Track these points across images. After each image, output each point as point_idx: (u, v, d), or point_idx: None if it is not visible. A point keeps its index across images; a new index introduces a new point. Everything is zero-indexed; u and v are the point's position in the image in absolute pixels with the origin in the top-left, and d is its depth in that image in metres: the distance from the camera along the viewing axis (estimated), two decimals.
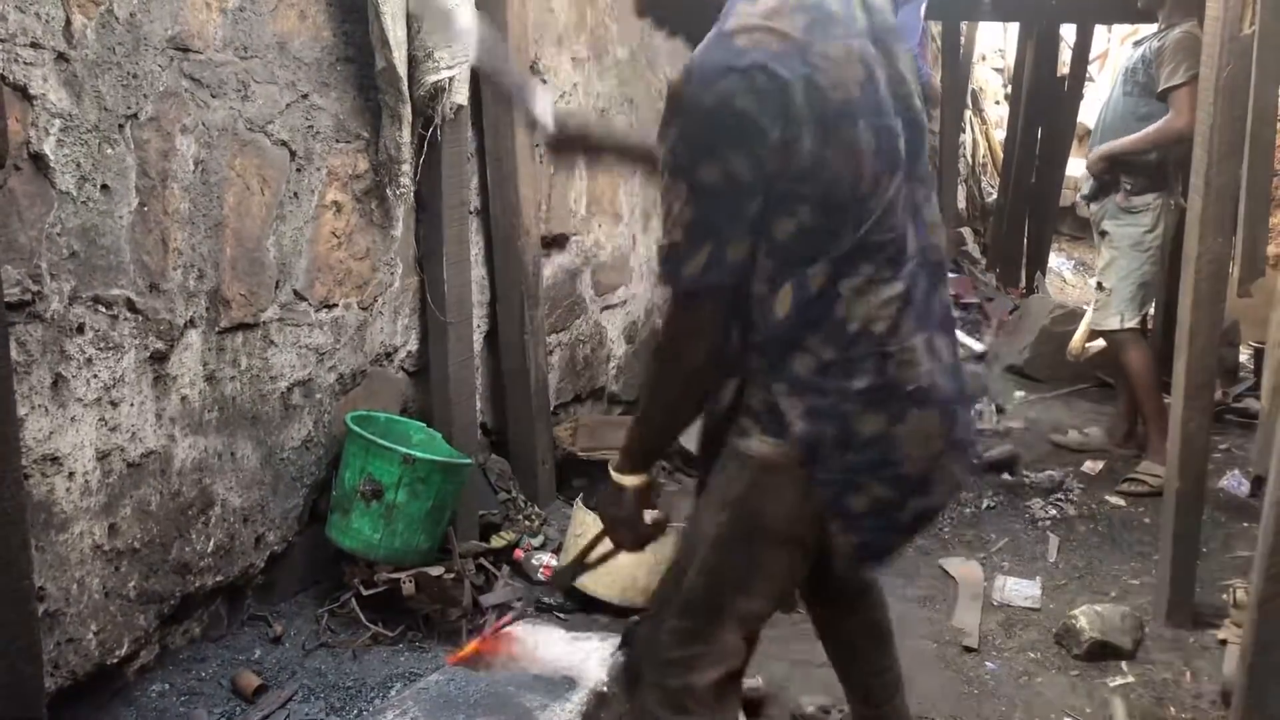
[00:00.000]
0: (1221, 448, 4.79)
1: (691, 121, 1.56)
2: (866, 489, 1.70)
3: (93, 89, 2.29)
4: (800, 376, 1.66)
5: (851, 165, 1.60)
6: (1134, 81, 4.33)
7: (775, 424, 1.68)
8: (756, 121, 1.53)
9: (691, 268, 1.60)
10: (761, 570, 1.79)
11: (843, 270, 1.64)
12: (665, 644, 1.82)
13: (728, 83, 1.52)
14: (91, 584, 2.43)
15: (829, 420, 1.66)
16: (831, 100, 1.57)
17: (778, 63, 1.53)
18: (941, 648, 3.15)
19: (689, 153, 1.57)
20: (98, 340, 2.37)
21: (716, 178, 1.56)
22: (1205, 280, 3.04)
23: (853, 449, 1.67)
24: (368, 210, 3.12)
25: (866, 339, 1.66)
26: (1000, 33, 10.58)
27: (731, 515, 1.74)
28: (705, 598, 1.79)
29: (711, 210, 1.58)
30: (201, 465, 2.70)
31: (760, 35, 1.55)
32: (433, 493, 2.97)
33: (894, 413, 1.68)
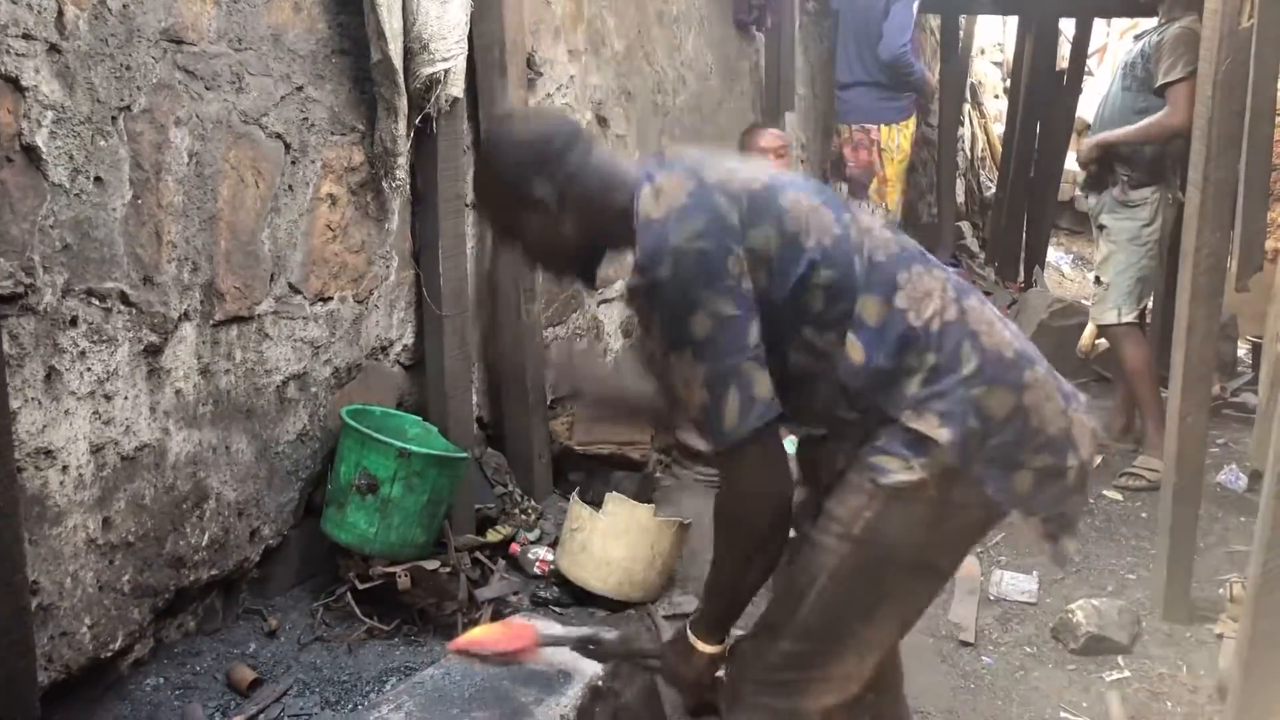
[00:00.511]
0: (1219, 442, 4.79)
1: (660, 294, 1.63)
2: (1026, 464, 1.69)
3: (85, 81, 2.28)
4: (917, 395, 1.68)
5: (813, 217, 1.71)
6: (1133, 76, 4.32)
7: (915, 446, 1.68)
8: (714, 253, 1.62)
9: (730, 420, 1.63)
10: (888, 600, 1.77)
11: (884, 290, 1.70)
12: (777, 665, 1.79)
13: (672, 241, 1.62)
14: (85, 578, 2.43)
15: (964, 414, 1.67)
16: (754, 193, 1.70)
17: (697, 200, 1.66)
18: (938, 642, 3.15)
19: (672, 319, 1.64)
20: (91, 333, 2.36)
21: (707, 326, 1.62)
22: (1203, 274, 3.03)
23: (996, 431, 1.68)
24: (363, 203, 3.11)
25: (950, 328, 1.70)
26: (999, 26, 10.55)
27: (855, 548, 1.72)
28: (824, 626, 1.76)
29: (719, 356, 1.62)
30: (196, 459, 2.69)
31: (670, 200, 1.67)
32: (428, 487, 2.96)
33: (1013, 382, 1.70)
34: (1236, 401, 5.33)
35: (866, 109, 5.63)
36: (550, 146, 1.77)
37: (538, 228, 1.79)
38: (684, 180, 1.70)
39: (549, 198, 1.75)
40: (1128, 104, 4.34)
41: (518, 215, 1.80)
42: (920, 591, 1.80)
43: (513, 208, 1.80)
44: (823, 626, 1.76)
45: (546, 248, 1.84)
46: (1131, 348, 4.46)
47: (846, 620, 1.76)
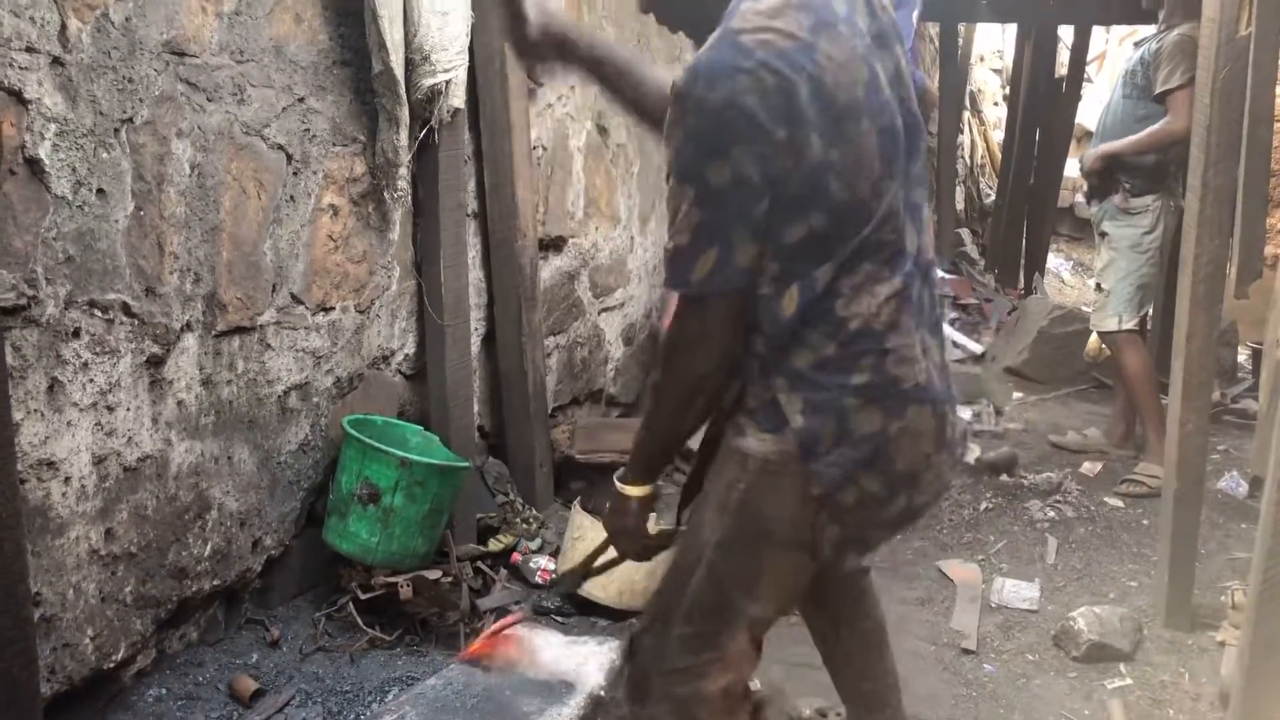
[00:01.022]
0: (1220, 448, 4.79)
1: (698, 121, 1.55)
2: (858, 483, 1.69)
3: (88, 93, 2.29)
4: (800, 371, 1.66)
5: (856, 166, 1.60)
6: (1133, 84, 4.33)
7: (772, 419, 1.68)
8: (763, 121, 1.53)
9: (699, 271, 1.60)
10: (768, 573, 1.78)
11: (845, 268, 1.64)
12: (672, 651, 1.80)
13: (734, 82, 1.52)
14: (88, 589, 2.43)
15: (828, 414, 1.66)
16: (836, 101, 1.57)
17: (783, 62, 1.53)
18: (939, 650, 3.15)
19: (696, 153, 1.56)
20: (93, 344, 2.37)
21: (724, 178, 1.55)
22: (1203, 282, 3.04)
23: (849, 444, 1.67)
24: (364, 213, 3.12)
25: (866, 336, 1.66)
26: (998, 34, 10.58)
27: (734, 519, 1.73)
28: (712, 603, 1.77)
29: (719, 211, 1.57)
30: (198, 469, 2.70)
31: (765, 35, 1.55)
32: (430, 496, 2.97)
33: (891, 409, 1.69)
34: (1237, 408, 5.33)
35: None
36: None
37: None
38: (801, 22, 1.58)
39: None
40: (1129, 112, 4.35)
41: None
42: (798, 563, 1.80)
43: None
44: (711, 606, 1.77)
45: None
46: (1132, 355, 4.46)
47: (732, 595, 1.77)
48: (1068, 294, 8.64)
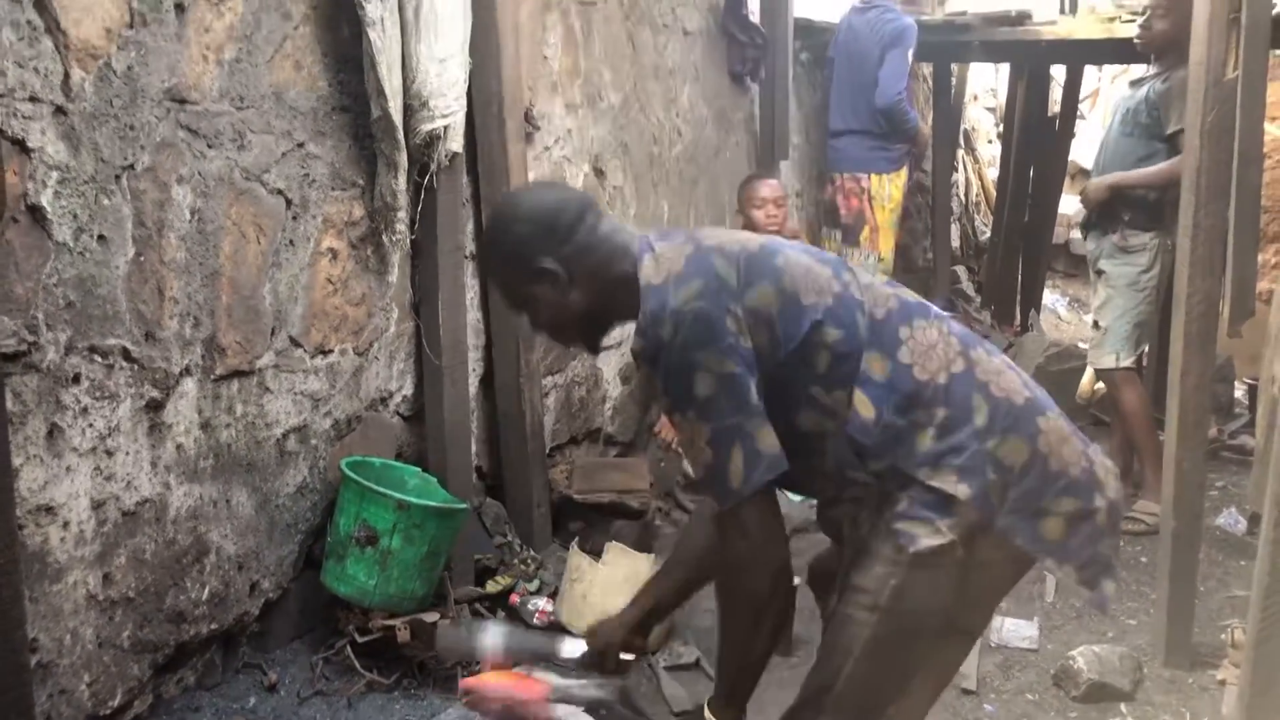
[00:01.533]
0: (1218, 485, 4.79)
1: (666, 357, 1.66)
2: (1053, 510, 1.69)
3: (90, 141, 2.32)
4: (931, 451, 1.68)
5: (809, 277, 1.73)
6: (1135, 123, 4.35)
7: (939, 507, 1.67)
8: (713, 313, 1.65)
9: (735, 476, 1.65)
10: (922, 665, 1.77)
11: (887, 346, 1.71)
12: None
13: (673, 304, 1.66)
14: (85, 634, 2.43)
15: (980, 467, 1.67)
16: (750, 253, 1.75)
17: (698, 264, 1.71)
18: None
19: (676, 381, 1.66)
20: (93, 390, 2.38)
21: (710, 385, 1.64)
22: (1196, 321, 3.06)
23: (1016, 481, 1.68)
24: (363, 256, 3.14)
25: (959, 380, 1.71)
26: (992, 73, 10.67)
27: (884, 617, 1.72)
28: (861, 698, 1.77)
29: (723, 415, 1.64)
30: (196, 513, 2.70)
31: (670, 265, 1.72)
32: (427, 538, 2.97)
33: (1026, 430, 1.71)
34: (1234, 444, 5.33)
35: (857, 158, 5.66)
36: (560, 220, 1.80)
37: (546, 298, 1.82)
38: (682, 246, 1.75)
39: (558, 270, 1.78)
40: (1130, 150, 4.36)
41: (527, 287, 1.82)
42: (952, 653, 1.82)
43: (522, 279, 1.82)
44: (860, 699, 1.76)
45: (554, 318, 1.86)
46: (1129, 392, 4.47)
47: (882, 690, 1.76)
48: (1064, 330, 8.65)
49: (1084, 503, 1.71)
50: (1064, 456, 1.71)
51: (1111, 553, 1.77)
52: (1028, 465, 1.68)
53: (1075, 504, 1.70)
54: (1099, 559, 1.74)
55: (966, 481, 1.66)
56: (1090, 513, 1.71)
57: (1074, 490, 1.70)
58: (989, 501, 1.66)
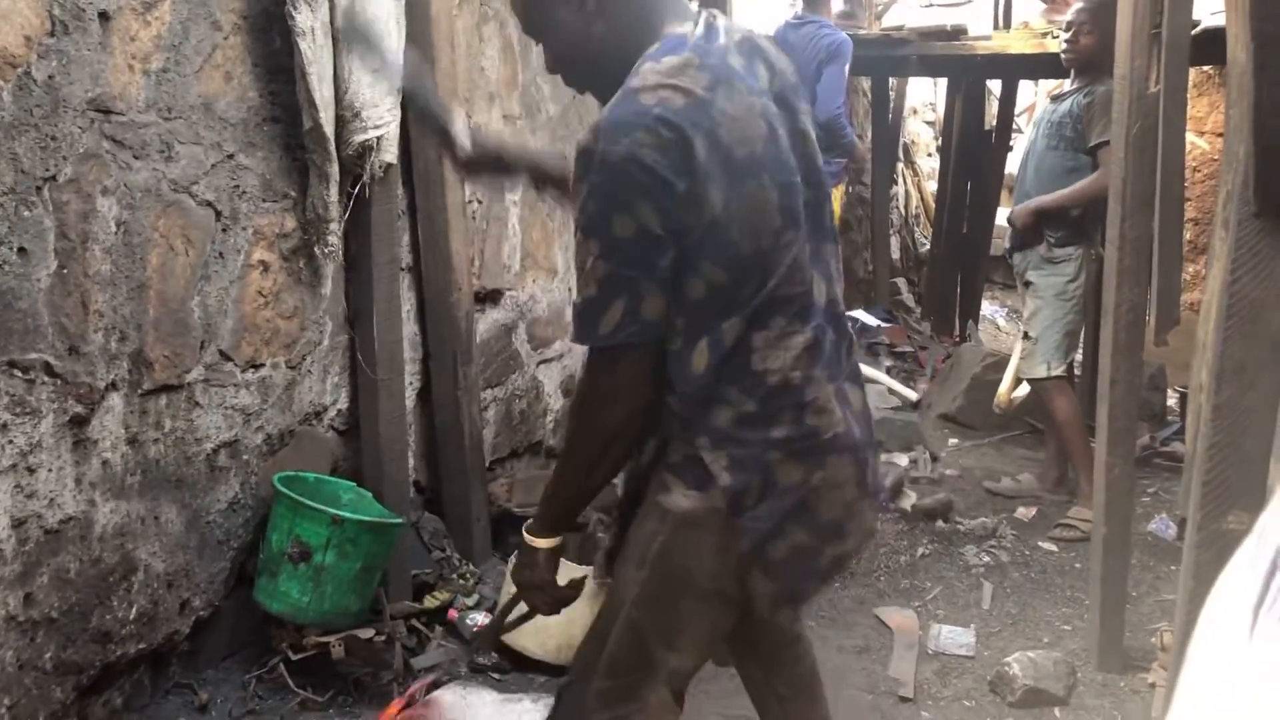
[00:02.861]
0: (1150, 491, 4.88)
1: (601, 176, 1.59)
2: (787, 536, 1.71)
3: (9, 151, 2.26)
4: (722, 429, 1.68)
5: (755, 219, 1.64)
6: (1060, 136, 4.44)
7: (698, 477, 1.70)
8: (663, 174, 1.57)
9: (607, 324, 1.62)
10: (687, 626, 1.79)
11: (755, 323, 1.67)
12: (593, 706, 1.81)
13: (634, 137, 1.57)
14: (5, 657, 2.36)
15: (752, 470, 1.68)
16: (735, 155, 1.62)
17: (681, 118, 1.58)
18: (877, 698, 3.16)
19: (600, 207, 1.60)
20: (13, 405, 2.32)
21: (629, 231, 1.58)
22: (1124, 330, 3.12)
23: (775, 497, 1.69)
24: (296, 269, 3.11)
25: (784, 390, 1.69)
26: (930, 87, 10.83)
27: (653, 572, 1.75)
28: (631, 656, 1.79)
29: (625, 263, 1.60)
30: (123, 530, 2.64)
31: (664, 92, 1.59)
32: (362, 553, 2.93)
33: (813, 461, 1.71)
34: (1166, 450, 5.44)
35: None
36: None
37: (566, 22, 1.74)
38: (699, 80, 1.62)
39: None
40: (1056, 163, 4.45)
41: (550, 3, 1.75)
42: (717, 616, 1.82)
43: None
44: (630, 659, 1.79)
45: (569, 47, 1.78)
46: (1061, 401, 4.54)
47: (651, 648, 1.78)
48: (1003, 340, 8.78)
49: (815, 543, 1.75)
50: (826, 498, 1.73)
51: (811, 593, 1.86)
52: (792, 489, 1.70)
53: (807, 540, 1.73)
54: (798, 593, 1.82)
55: (733, 473, 1.67)
56: (816, 554, 1.76)
57: (814, 529, 1.73)
58: (742, 500, 1.68)
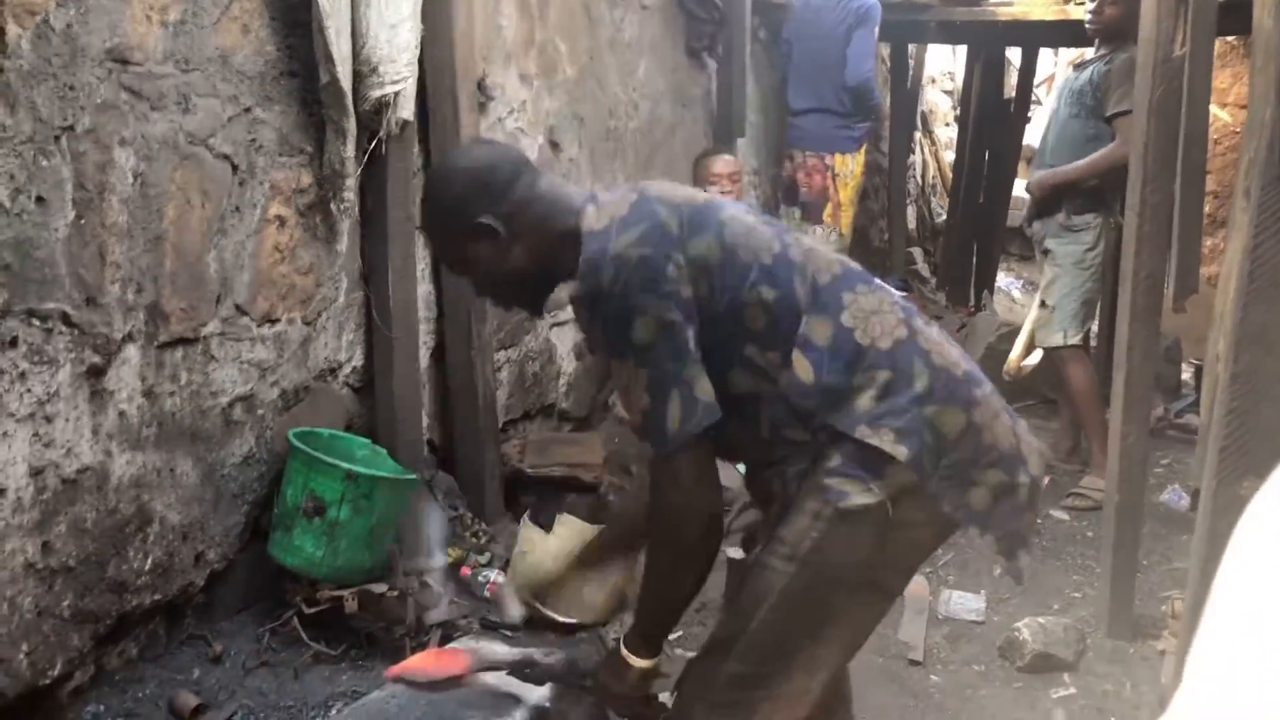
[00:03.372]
0: (1163, 462, 4.88)
1: (604, 302, 1.66)
2: (981, 481, 1.71)
3: (27, 100, 2.26)
4: (870, 411, 1.68)
5: (751, 236, 1.74)
6: (1081, 104, 4.40)
7: (872, 466, 1.68)
8: (654, 258, 1.65)
9: (671, 423, 1.65)
10: (834, 620, 1.77)
11: (830, 310, 1.72)
12: (725, 686, 1.79)
13: (614, 249, 1.66)
14: (23, 603, 2.38)
15: (918, 431, 1.67)
16: (696, 207, 1.75)
17: (639, 209, 1.71)
18: (887, 662, 3.17)
19: (615, 327, 1.66)
20: (31, 354, 2.33)
21: (651, 331, 1.64)
22: (1142, 296, 3.10)
23: (950, 449, 1.69)
24: (312, 225, 3.10)
25: (902, 347, 1.72)
26: (949, 56, 10.72)
27: (802, 567, 1.72)
28: (771, 646, 1.76)
29: (661, 361, 1.65)
30: (139, 482, 2.66)
31: (609, 210, 1.72)
32: (376, 509, 2.94)
33: (964, 400, 1.72)
34: (1180, 423, 5.43)
35: (820, 136, 5.69)
36: (496, 175, 1.79)
37: (487, 257, 1.81)
38: (626, 194, 1.75)
39: (497, 227, 1.77)
40: (1077, 132, 4.41)
41: (466, 246, 1.82)
42: (867, 611, 1.81)
43: (461, 238, 1.82)
44: (770, 647, 1.76)
45: (496, 278, 1.85)
46: (1076, 370, 4.53)
47: (794, 640, 1.76)
48: (1018, 312, 8.73)
49: (1010, 477, 1.73)
50: (995, 431, 1.73)
51: (1029, 528, 1.81)
52: (962, 435, 1.70)
53: (1002, 477, 1.72)
54: (1018, 532, 1.78)
55: (904, 443, 1.66)
56: (1015, 487, 1.74)
57: (1002, 464, 1.73)
58: (923, 465, 1.67)
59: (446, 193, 1.83)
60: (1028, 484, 1.75)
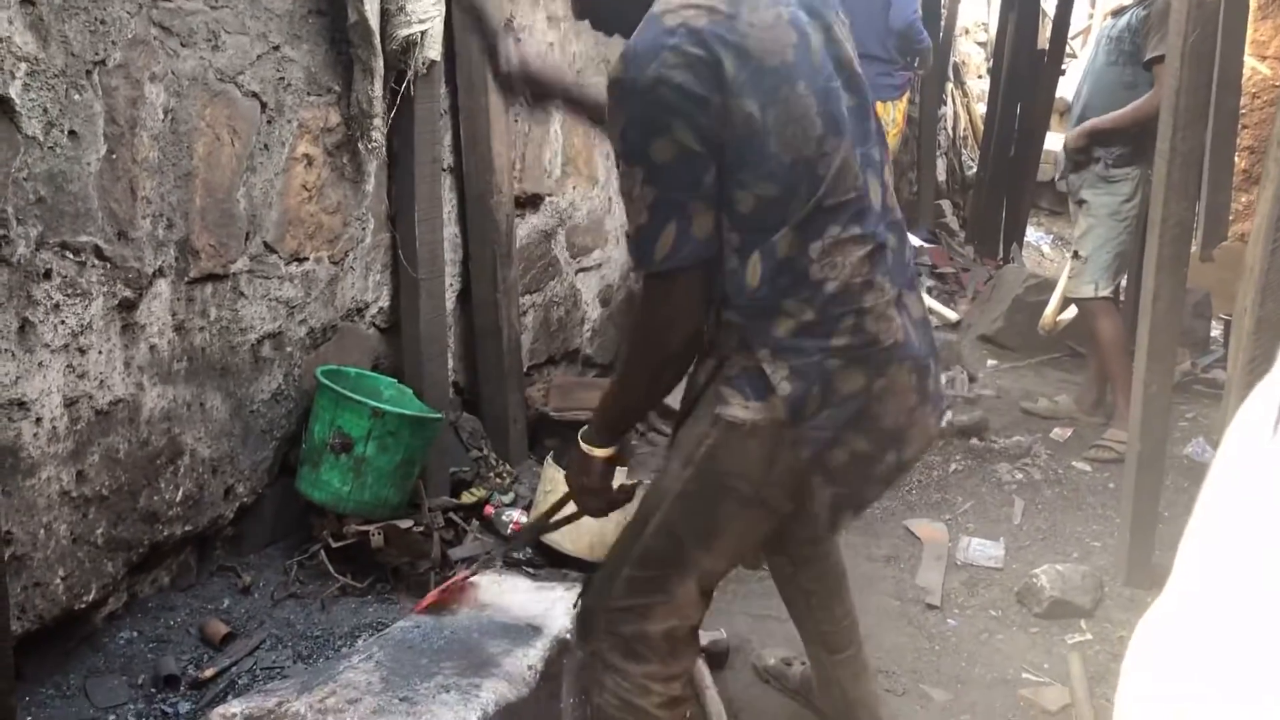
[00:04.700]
0: (1189, 416, 4.85)
1: (634, 104, 1.61)
2: (848, 443, 1.73)
3: (59, 34, 2.28)
4: (781, 339, 1.69)
5: (796, 127, 1.65)
6: (1120, 51, 4.32)
7: (757, 388, 1.71)
8: (695, 91, 1.58)
9: (661, 248, 1.64)
10: (723, 528, 1.82)
11: (809, 233, 1.68)
12: (619, 591, 1.86)
13: (662, 59, 1.58)
14: (59, 529, 2.45)
15: (812, 379, 1.69)
16: (766, 65, 1.62)
17: (706, 34, 1.59)
18: (904, 605, 3.20)
19: (638, 134, 1.62)
20: (65, 286, 2.38)
21: (669, 153, 1.60)
22: (1169, 245, 3.07)
23: (835, 405, 1.71)
24: (339, 164, 3.12)
25: (843, 297, 1.70)
26: (983, 7, 10.56)
27: (696, 472, 1.77)
28: (665, 550, 1.83)
29: (670, 186, 1.62)
30: (170, 415, 2.71)
31: (687, 12, 1.61)
32: (402, 447, 2.99)
33: (873, 368, 1.73)
34: (1207, 378, 5.38)
35: None
36: None
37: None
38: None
39: None
40: (1115, 79, 4.34)
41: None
42: (754, 522, 1.85)
43: None
44: (662, 552, 1.83)
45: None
46: (1105, 322, 4.50)
47: (685, 545, 1.82)
48: (1047, 267, 8.66)
49: (875, 450, 1.76)
50: (887, 405, 1.75)
51: (870, 499, 1.86)
52: (852, 396, 1.71)
53: (868, 449, 1.75)
54: (857, 498, 1.82)
55: (793, 382, 1.68)
56: (875, 460, 1.77)
57: (874, 436, 1.75)
58: (801, 409, 1.69)
59: None
60: (891, 462, 1.80)
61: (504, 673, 2.25)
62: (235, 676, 2.60)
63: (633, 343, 1.80)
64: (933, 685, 2.81)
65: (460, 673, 2.23)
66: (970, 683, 2.84)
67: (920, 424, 1.82)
